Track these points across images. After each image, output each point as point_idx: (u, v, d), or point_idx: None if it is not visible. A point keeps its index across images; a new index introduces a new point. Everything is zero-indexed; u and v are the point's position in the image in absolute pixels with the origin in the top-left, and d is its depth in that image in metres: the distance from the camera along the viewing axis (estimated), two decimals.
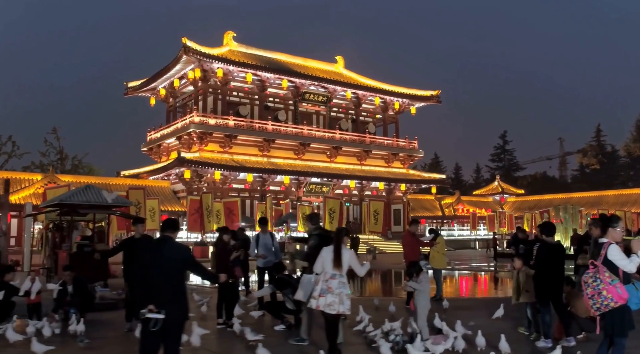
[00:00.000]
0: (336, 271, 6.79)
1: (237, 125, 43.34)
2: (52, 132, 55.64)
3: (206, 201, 24.78)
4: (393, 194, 51.94)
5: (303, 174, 44.95)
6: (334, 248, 6.94)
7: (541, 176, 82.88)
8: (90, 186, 14.37)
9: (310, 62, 52.35)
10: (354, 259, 7.01)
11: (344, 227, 8.14)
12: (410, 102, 53.76)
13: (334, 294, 6.68)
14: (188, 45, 40.24)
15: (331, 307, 6.66)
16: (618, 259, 5.66)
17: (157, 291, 4.90)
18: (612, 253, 5.71)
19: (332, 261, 6.83)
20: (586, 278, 5.84)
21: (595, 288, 5.67)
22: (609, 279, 5.60)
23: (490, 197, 65.52)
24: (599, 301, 5.61)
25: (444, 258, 12.81)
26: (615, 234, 5.91)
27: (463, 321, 9.23)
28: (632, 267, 5.58)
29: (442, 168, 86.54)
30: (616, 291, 5.53)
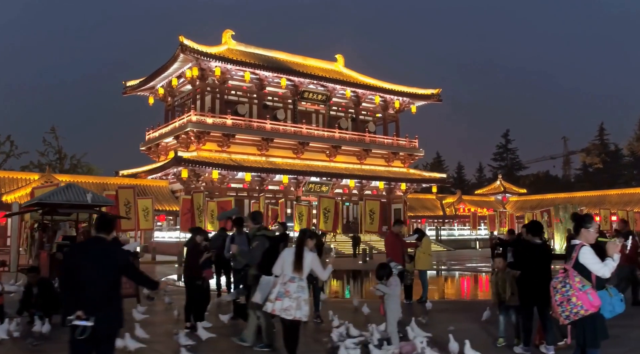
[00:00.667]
0: (296, 274, 6.44)
1: (235, 124, 43.02)
2: (51, 131, 55.62)
3: (197, 201, 24.44)
4: (393, 194, 51.55)
5: (302, 173, 44.60)
6: (295, 250, 6.58)
7: (544, 175, 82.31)
8: (72, 185, 14.05)
9: (310, 60, 52.00)
10: (316, 262, 6.63)
11: (308, 228, 7.74)
12: (411, 100, 53.33)
13: (292, 298, 6.32)
14: (185, 44, 39.95)
15: (287, 312, 6.31)
16: (591, 263, 5.20)
17: (86, 297, 4.56)
18: (584, 256, 5.24)
19: (292, 264, 6.47)
20: (555, 283, 5.38)
21: (564, 294, 5.22)
22: (580, 284, 5.15)
23: (492, 196, 65.05)
24: (568, 309, 5.17)
25: (430, 259, 12.45)
26: (589, 235, 5.45)
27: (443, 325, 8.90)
28: (606, 271, 5.13)
29: (444, 167, 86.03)
30: (587, 297, 5.08)
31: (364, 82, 51.19)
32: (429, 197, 59.28)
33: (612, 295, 5.23)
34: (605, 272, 5.13)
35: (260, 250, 7.96)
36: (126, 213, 20.82)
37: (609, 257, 5.16)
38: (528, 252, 7.46)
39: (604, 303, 5.16)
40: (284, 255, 6.69)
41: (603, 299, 5.16)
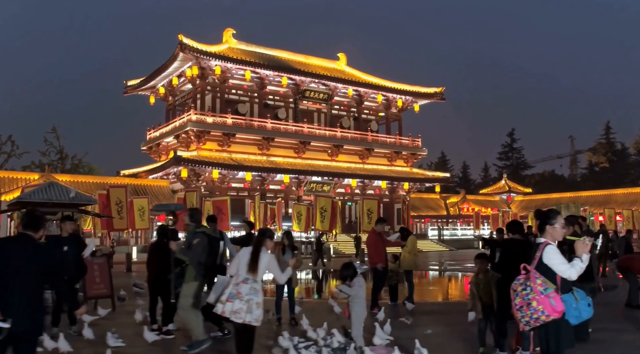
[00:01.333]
0: (250, 275, 6.08)
1: (235, 123, 42.76)
2: (52, 131, 55.54)
3: (190, 200, 24.21)
4: (396, 193, 51.17)
5: (303, 172, 44.30)
6: (252, 250, 6.23)
7: (549, 175, 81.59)
8: (54, 184, 13.85)
9: (312, 59, 51.64)
10: (274, 263, 6.28)
11: (267, 228, 7.36)
12: (414, 99, 52.91)
13: (243, 300, 5.94)
14: (184, 43, 39.73)
15: (237, 315, 5.93)
16: (556, 263, 4.71)
17: (5, 297, 4.27)
18: (548, 256, 4.74)
19: (247, 264, 6.11)
20: (515, 285, 4.85)
21: (524, 297, 4.71)
22: (541, 287, 4.64)
23: (497, 196, 64.51)
24: (528, 314, 4.67)
25: (416, 259, 12.09)
26: (555, 233, 4.93)
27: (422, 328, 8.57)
28: (573, 273, 4.65)
29: (449, 167, 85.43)
30: (549, 302, 4.58)
31: (366, 81, 50.83)
32: (433, 197, 58.90)
33: (578, 299, 4.74)
34: (572, 274, 4.66)
35: (200, 248, 7.56)
36: (118, 212, 20.59)
37: (577, 258, 4.68)
38: (511, 251, 7.04)
39: (569, 307, 4.70)
40: (240, 255, 6.34)
41: (568, 303, 4.70)
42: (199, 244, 7.54)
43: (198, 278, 7.59)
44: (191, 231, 7.80)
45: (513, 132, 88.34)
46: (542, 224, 5.03)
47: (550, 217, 4.98)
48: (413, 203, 54.87)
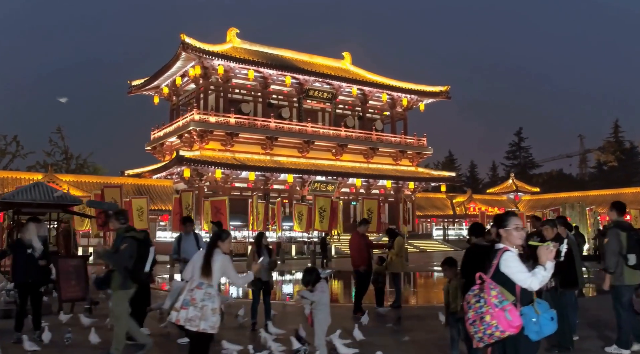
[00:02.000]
0: (203, 279, 5.74)
1: (238, 123, 42.58)
2: (57, 131, 55.65)
3: (186, 200, 23.95)
4: (401, 193, 50.75)
5: (307, 172, 44.06)
6: (205, 252, 5.92)
7: (557, 174, 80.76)
8: (39, 183, 13.64)
9: (316, 58, 51.37)
10: (229, 266, 5.89)
11: (225, 229, 7.02)
12: (419, 98, 52.51)
13: (197, 307, 5.62)
14: (187, 42, 39.59)
15: (192, 322, 5.59)
16: (515, 272, 4.20)
17: None
18: (506, 263, 4.25)
19: (200, 268, 5.79)
20: (468, 296, 4.35)
21: (477, 311, 4.19)
22: (496, 299, 4.12)
23: (505, 195, 63.89)
24: (481, 329, 4.15)
25: (404, 262, 11.77)
26: (511, 237, 4.36)
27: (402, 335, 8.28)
28: (535, 282, 4.15)
29: (456, 166, 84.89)
30: (504, 316, 4.07)
31: (371, 80, 50.51)
32: (439, 196, 58.47)
33: (539, 312, 4.17)
34: (533, 283, 4.16)
35: (128, 254, 7.08)
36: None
37: (540, 266, 4.18)
38: (472, 257, 6.59)
39: (529, 322, 4.16)
40: (195, 258, 6.03)
41: (527, 317, 4.17)
42: (127, 249, 7.05)
43: (127, 285, 7.19)
44: (120, 234, 7.28)
45: (521, 131, 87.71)
46: (497, 229, 4.56)
47: (502, 220, 4.48)
48: (419, 203, 54.50)
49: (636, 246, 7.69)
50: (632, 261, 7.63)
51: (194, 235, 10.16)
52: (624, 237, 7.74)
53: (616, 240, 7.82)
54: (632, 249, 7.67)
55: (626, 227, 7.92)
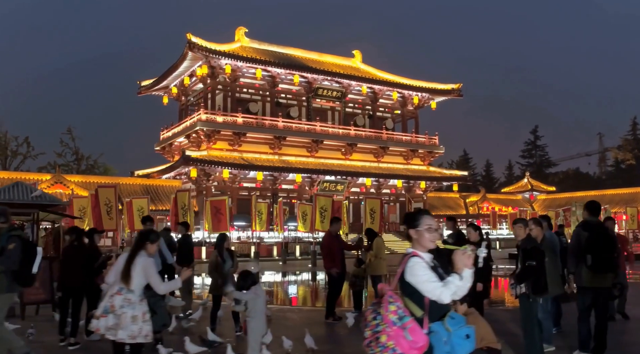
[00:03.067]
0: (123, 284, 5.33)
1: (246, 122, 42.30)
2: (67, 132, 55.88)
3: (182, 200, 23.69)
4: (413, 192, 50.19)
5: (315, 172, 43.66)
6: (128, 255, 5.50)
7: (573, 173, 79.31)
8: (19, 183, 13.43)
9: (326, 57, 50.91)
10: (151, 270, 5.43)
11: (150, 229, 6.54)
12: (430, 96, 51.84)
13: (116, 314, 5.22)
14: (193, 41, 39.43)
15: (111, 331, 5.20)
16: (421, 281, 3.52)
17: None
18: (411, 271, 3.57)
19: (120, 272, 5.40)
20: (367, 312, 3.67)
21: (374, 329, 3.51)
22: (395, 315, 3.44)
23: (520, 194, 62.89)
24: (377, 351, 3.47)
25: (384, 263, 11.27)
26: (422, 239, 3.69)
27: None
28: (446, 294, 3.50)
29: (471, 165, 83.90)
30: (403, 335, 3.39)
31: (381, 78, 49.95)
32: (452, 196, 57.65)
33: (450, 329, 3.47)
34: (444, 295, 3.49)
35: (16, 254, 6.48)
36: (107, 213, 20.21)
37: (455, 274, 3.53)
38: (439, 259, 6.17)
39: (438, 341, 3.46)
40: (119, 261, 5.60)
41: (436, 336, 3.47)
42: (16, 249, 6.49)
43: (12, 289, 6.69)
44: (4, 234, 6.70)
45: (536, 129, 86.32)
46: (407, 229, 3.86)
47: (413, 218, 3.78)
48: (432, 202, 53.79)
49: (593, 246, 7.24)
50: (588, 261, 7.25)
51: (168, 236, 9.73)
52: (584, 238, 7.33)
53: (576, 240, 7.46)
54: (589, 249, 7.25)
55: (591, 226, 7.43)
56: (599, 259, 7.19)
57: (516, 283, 7.00)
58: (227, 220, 24.95)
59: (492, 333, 5.98)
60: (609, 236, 7.43)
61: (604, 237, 7.33)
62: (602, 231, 7.39)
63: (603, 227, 7.54)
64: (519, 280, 6.97)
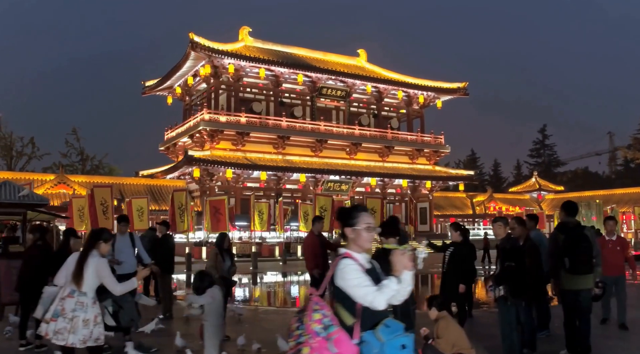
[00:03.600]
0: (74, 286, 5.07)
1: (249, 122, 42.10)
2: (72, 132, 55.91)
3: (179, 199, 23.54)
4: (418, 192, 49.80)
5: (319, 171, 43.39)
6: (79, 255, 5.24)
7: (582, 172, 78.57)
8: (6, 183, 13.25)
9: (331, 56, 50.63)
10: (104, 271, 5.17)
11: (103, 228, 6.30)
12: (436, 95, 51.42)
13: (66, 318, 4.95)
14: (196, 41, 39.25)
15: (59, 336, 4.92)
16: (352, 285, 3.15)
17: None
18: (342, 274, 3.21)
19: (72, 273, 5.13)
20: (292, 320, 3.35)
21: (297, 340, 3.20)
22: (319, 324, 3.10)
23: (527, 194, 62.34)
24: None
25: None
26: (359, 239, 3.33)
27: None
28: (380, 300, 3.11)
29: (478, 165, 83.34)
30: (327, 347, 3.06)
31: (385, 77, 49.60)
32: (459, 195, 57.21)
33: (383, 339, 3.10)
34: (377, 300, 3.12)
35: None
36: (103, 213, 20.06)
37: (392, 276, 3.17)
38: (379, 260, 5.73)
39: (368, 352, 3.13)
40: (69, 261, 5.33)
41: (368, 346, 3.12)
42: None
43: None
44: None
45: (545, 128, 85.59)
46: (342, 227, 3.47)
47: (350, 215, 3.39)
48: (438, 202, 53.45)
49: (571, 248, 6.94)
50: (567, 264, 6.96)
51: (129, 235, 9.50)
52: (562, 240, 7.05)
53: (554, 242, 7.19)
54: (566, 251, 6.96)
55: (569, 228, 7.13)
56: (577, 262, 6.89)
57: (494, 285, 6.72)
58: (227, 220, 24.76)
59: (466, 338, 5.70)
60: (586, 238, 7.12)
61: (581, 239, 7.03)
62: (580, 233, 7.11)
63: (581, 229, 7.26)
64: (498, 282, 6.69)
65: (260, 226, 29.75)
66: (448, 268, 8.85)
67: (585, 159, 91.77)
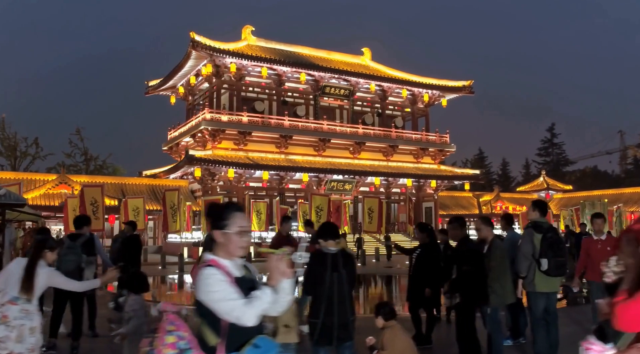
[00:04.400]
0: (22, 295, 4.82)
1: (251, 121, 41.81)
2: (76, 133, 55.87)
3: (170, 199, 23.28)
4: (423, 191, 49.37)
5: (322, 171, 43.00)
6: (27, 263, 4.97)
7: (591, 171, 77.57)
8: None
9: (335, 55, 50.25)
10: (57, 278, 5.01)
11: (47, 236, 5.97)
12: (441, 93, 50.90)
13: (10, 326, 4.68)
14: (196, 40, 39.02)
15: (2, 344, 4.65)
16: (215, 300, 2.71)
17: None
18: (204, 287, 2.77)
19: (20, 281, 4.86)
20: (143, 342, 2.99)
21: None
22: (173, 349, 2.76)
23: (535, 193, 61.58)
24: None
25: None
26: (230, 244, 2.86)
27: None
28: (249, 315, 2.68)
29: (486, 164, 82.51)
30: None
31: (389, 75, 49.12)
32: (465, 195, 56.60)
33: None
34: (247, 316, 2.68)
35: None
36: (93, 213, 19.83)
37: (266, 286, 2.76)
38: (316, 263, 5.28)
39: None
40: (11, 268, 5.04)
41: None
42: None
43: None
44: None
45: (553, 127, 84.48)
46: (212, 228, 2.99)
47: (221, 216, 2.91)
48: (444, 202, 52.94)
49: (549, 249, 6.57)
50: (544, 266, 6.54)
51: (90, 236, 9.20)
52: (538, 240, 6.63)
53: (529, 242, 6.76)
54: (544, 252, 6.57)
55: (543, 228, 6.75)
56: (554, 264, 6.50)
57: (450, 292, 6.31)
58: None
59: (414, 348, 5.33)
60: (561, 239, 6.79)
61: (560, 241, 6.69)
62: (555, 234, 6.75)
63: (554, 230, 6.92)
64: (453, 289, 6.27)
65: (259, 226, 29.44)
66: (414, 271, 8.50)
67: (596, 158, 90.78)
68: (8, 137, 51.29)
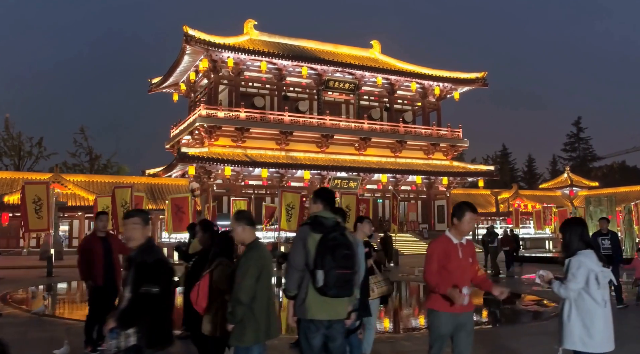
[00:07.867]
0: None
1: (249, 117, 40.42)
2: (80, 132, 55.45)
3: (121, 197, 21.78)
4: (435, 189, 47.25)
5: (324, 168, 41.34)
6: None
7: (618, 167, 73.77)
8: None
9: (342, 48, 48.44)
10: None
11: None
12: (453, 86, 48.62)
13: None
14: (190, 34, 37.85)
15: None
16: None
17: None
18: None
19: None
20: None
21: None
22: None
23: (559, 191, 58.72)
24: None
25: None
26: None
27: None
28: None
29: (511, 160, 79.39)
30: None
31: (397, 68, 47.12)
32: (483, 192, 54.16)
33: None
34: None
35: None
36: (35, 211, 18.61)
37: None
38: None
39: None
40: None
41: None
42: None
43: None
44: None
45: (579, 120, 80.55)
46: None
47: None
48: (458, 199, 50.31)
49: (328, 256, 4.24)
50: (319, 280, 4.23)
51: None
52: (314, 243, 4.33)
53: (301, 247, 4.41)
54: (322, 261, 4.24)
55: (327, 226, 4.40)
56: (337, 277, 4.21)
57: (120, 327, 3.85)
58: (190, 220, 23.00)
59: None
60: (348, 242, 4.57)
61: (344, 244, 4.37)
62: (342, 233, 4.62)
63: (342, 228, 4.71)
64: (123, 322, 3.84)
65: None
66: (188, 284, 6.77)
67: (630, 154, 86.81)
68: (12, 137, 51.13)
